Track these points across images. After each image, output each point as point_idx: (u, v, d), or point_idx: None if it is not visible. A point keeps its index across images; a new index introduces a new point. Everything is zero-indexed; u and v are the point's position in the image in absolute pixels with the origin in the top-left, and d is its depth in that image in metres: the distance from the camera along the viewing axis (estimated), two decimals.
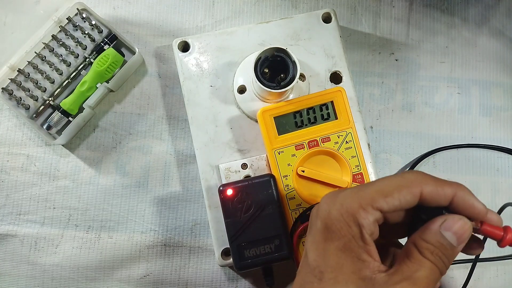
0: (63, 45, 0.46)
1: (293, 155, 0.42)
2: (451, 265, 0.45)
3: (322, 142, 0.42)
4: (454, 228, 0.26)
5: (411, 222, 0.28)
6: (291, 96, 0.43)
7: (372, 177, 0.43)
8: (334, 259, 0.26)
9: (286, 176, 0.42)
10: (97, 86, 0.46)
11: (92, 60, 0.47)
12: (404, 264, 0.26)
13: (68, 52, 0.47)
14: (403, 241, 0.30)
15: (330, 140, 0.42)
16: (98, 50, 0.47)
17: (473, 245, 0.29)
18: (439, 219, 0.26)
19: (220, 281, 0.47)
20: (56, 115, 0.46)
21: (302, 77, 0.44)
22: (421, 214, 0.27)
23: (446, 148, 0.49)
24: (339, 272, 0.26)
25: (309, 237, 0.28)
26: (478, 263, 0.48)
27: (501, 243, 0.27)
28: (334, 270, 0.26)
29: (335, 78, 0.45)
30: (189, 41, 0.45)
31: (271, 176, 0.41)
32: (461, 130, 0.50)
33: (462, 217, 0.26)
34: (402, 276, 0.25)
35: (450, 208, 0.27)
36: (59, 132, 0.47)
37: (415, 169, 0.49)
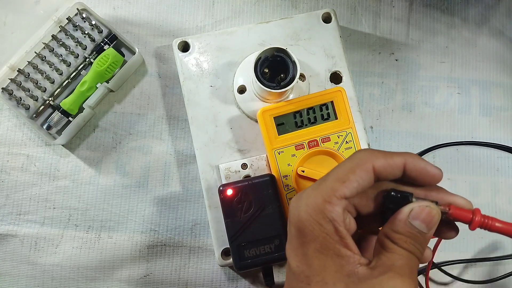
0: (63, 45, 0.46)
1: (293, 155, 0.42)
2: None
3: (322, 142, 0.42)
4: (421, 216, 0.26)
5: (381, 212, 0.28)
6: (291, 96, 0.43)
7: None
8: (316, 262, 0.26)
9: (286, 176, 0.42)
10: (97, 86, 0.46)
11: (92, 60, 0.47)
12: (382, 255, 0.26)
13: (68, 52, 0.47)
14: None
15: (330, 140, 0.42)
16: (98, 50, 0.47)
17: (444, 229, 0.29)
18: (406, 209, 0.26)
19: (220, 281, 0.47)
20: (56, 115, 0.46)
21: (302, 77, 0.44)
22: (388, 203, 0.27)
23: (443, 145, 0.49)
24: (324, 274, 0.26)
25: (287, 245, 0.28)
26: (478, 263, 0.48)
27: (470, 226, 0.27)
28: (320, 273, 0.26)
29: (335, 78, 0.45)
30: (189, 41, 0.45)
31: (271, 176, 0.41)
32: (461, 130, 0.50)
33: (429, 203, 0.26)
34: (384, 268, 0.25)
35: (405, 178, 0.27)
36: (59, 132, 0.47)
37: None
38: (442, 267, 0.47)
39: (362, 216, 0.29)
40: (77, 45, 0.47)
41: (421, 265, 0.46)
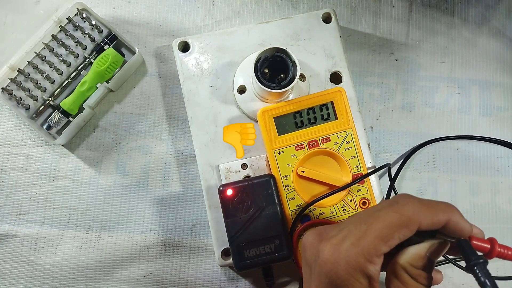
0: (63, 45, 0.46)
1: (293, 155, 0.42)
2: None
3: (322, 143, 0.42)
4: (439, 254, 0.27)
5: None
6: (291, 96, 0.43)
7: (372, 179, 0.43)
8: None
9: (286, 176, 0.42)
10: (97, 86, 0.46)
11: (92, 60, 0.47)
12: None
13: (68, 52, 0.47)
14: None
15: (330, 141, 0.42)
16: (98, 50, 0.47)
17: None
18: (427, 246, 0.27)
19: (220, 281, 0.47)
20: (56, 115, 0.46)
21: (302, 77, 0.44)
22: (416, 237, 0.27)
23: (439, 139, 0.49)
24: None
25: None
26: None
27: (489, 255, 0.27)
28: None
29: (335, 78, 0.45)
30: (189, 41, 0.45)
31: (271, 176, 0.41)
32: (461, 130, 0.50)
33: (447, 243, 0.27)
34: None
35: (440, 230, 0.28)
36: (59, 132, 0.47)
37: (409, 160, 0.49)
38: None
39: None
40: (77, 45, 0.47)
41: None
